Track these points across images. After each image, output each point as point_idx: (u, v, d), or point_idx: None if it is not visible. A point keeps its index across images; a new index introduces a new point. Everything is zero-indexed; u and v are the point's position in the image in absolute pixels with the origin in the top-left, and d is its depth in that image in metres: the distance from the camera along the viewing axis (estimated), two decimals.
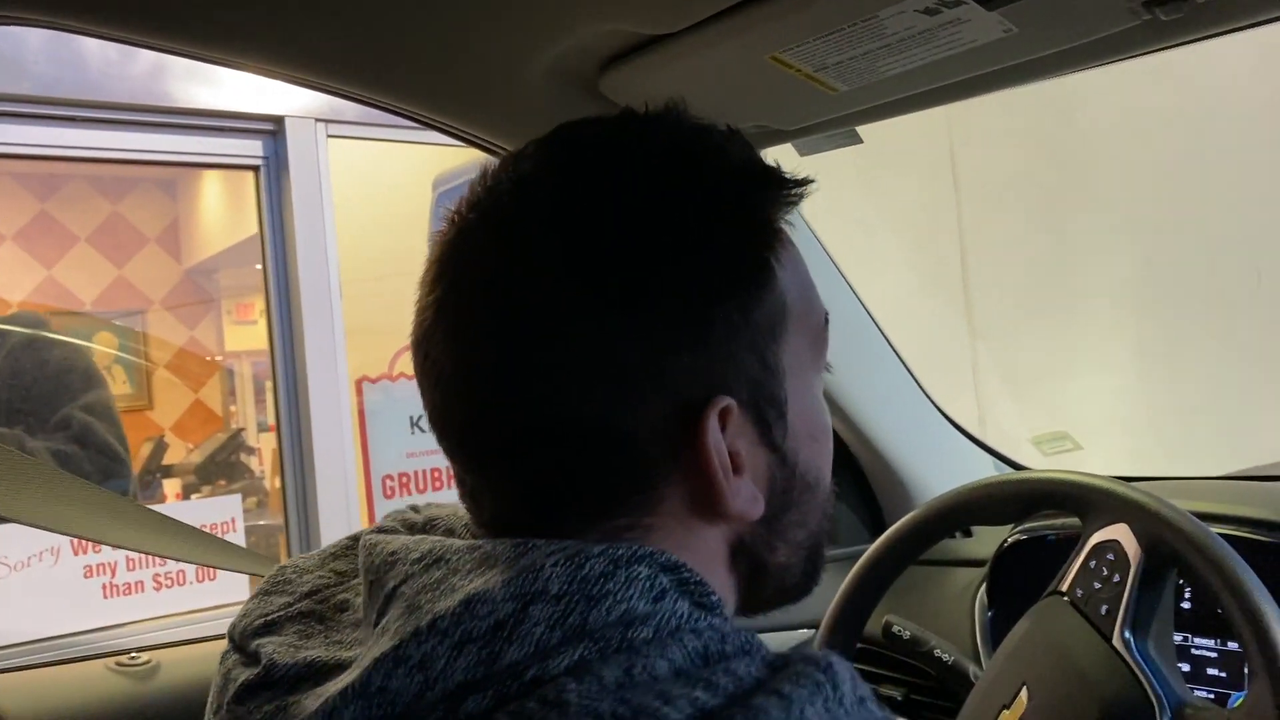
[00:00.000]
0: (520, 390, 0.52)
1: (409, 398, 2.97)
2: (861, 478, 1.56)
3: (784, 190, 0.58)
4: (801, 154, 1.15)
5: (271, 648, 0.53)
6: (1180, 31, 0.82)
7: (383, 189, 3.21)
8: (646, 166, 0.55)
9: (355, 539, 0.62)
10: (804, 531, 0.60)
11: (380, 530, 0.59)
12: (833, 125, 1.02)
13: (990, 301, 3.66)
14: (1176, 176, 4.36)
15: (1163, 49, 0.88)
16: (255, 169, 2.69)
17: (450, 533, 0.57)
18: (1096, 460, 3.41)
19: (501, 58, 0.88)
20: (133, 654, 1.19)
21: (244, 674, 0.53)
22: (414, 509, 0.62)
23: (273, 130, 2.69)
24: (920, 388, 1.57)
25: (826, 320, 0.61)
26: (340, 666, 0.49)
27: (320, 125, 2.68)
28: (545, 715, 0.41)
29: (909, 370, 1.55)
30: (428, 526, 0.59)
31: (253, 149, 2.66)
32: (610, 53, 0.86)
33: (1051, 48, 0.81)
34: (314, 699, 0.47)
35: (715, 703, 0.42)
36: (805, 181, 0.59)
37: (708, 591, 0.50)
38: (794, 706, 0.42)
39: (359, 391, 2.96)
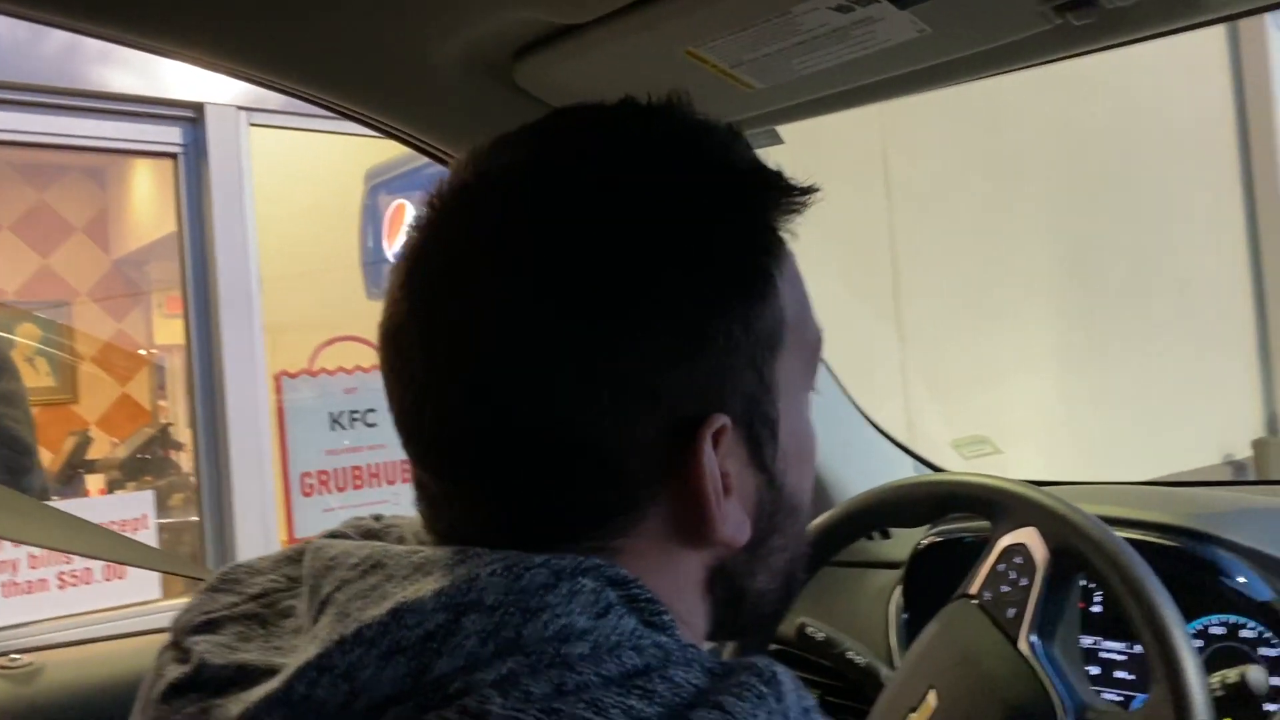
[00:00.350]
0: (502, 399, 0.48)
1: (330, 393, 2.92)
2: None
3: (789, 196, 0.55)
4: None
5: (205, 647, 0.51)
6: (1093, 38, 0.83)
7: (311, 182, 3.15)
8: (645, 162, 0.51)
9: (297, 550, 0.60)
10: (785, 557, 0.57)
11: (333, 535, 0.57)
12: (752, 124, 1.02)
13: (920, 307, 3.70)
14: (1103, 188, 4.46)
15: (1077, 55, 0.88)
16: (174, 157, 2.62)
17: (402, 540, 0.54)
18: (1017, 464, 3.46)
19: (411, 44, 0.86)
20: (12, 656, 1.14)
21: (175, 671, 0.51)
22: (376, 518, 0.59)
23: (192, 117, 2.63)
24: (844, 391, 1.57)
25: (820, 338, 0.58)
26: (271, 672, 0.46)
27: (242, 113, 2.63)
28: None
29: (833, 374, 1.56)
30: (382, 535, 0.56)
31: (171, 136, 2.60)
32: (524, 42, 0.84)
33: (966, 49, 0.81)
34: (237, 704, 0.45)
35: (651, 712, 0.40)
36: (811, 189, 0.56)
37: (658, 610, 0.47)
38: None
39: (278, 387, 2.90)
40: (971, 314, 3.90)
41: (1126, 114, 4.55)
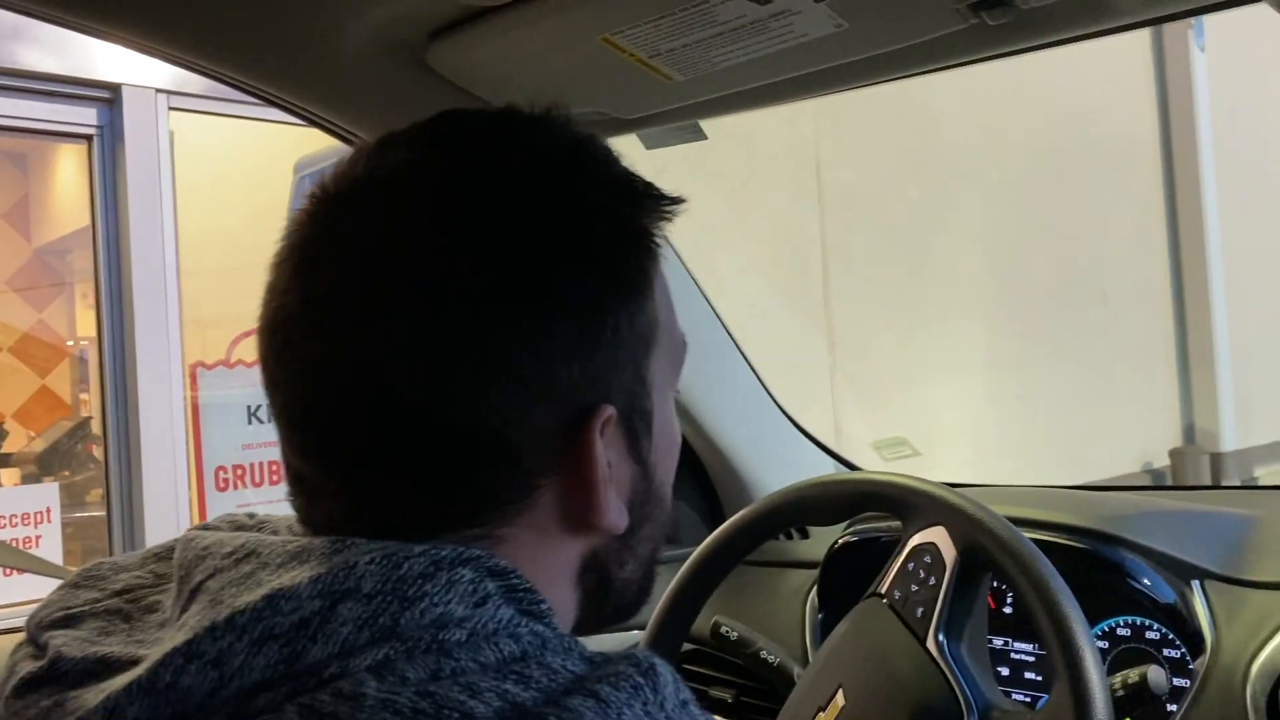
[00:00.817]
0: (399, 392, 0.49)
1: (247, 387, 2.86)
2: (707, 481, 1.56)
3: (661, 205, 0.58)
4: (647, 147, 1.13)
5: (62, 641, 0.49)
6: (1009, 39, 0.83)
7: (236, 170, 3.09)
8: (536, 167, 0.53)
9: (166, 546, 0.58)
10: (650, 546, 0.60)
11: (205, 528, 0.56)
12: (674, 117, 1.01)
13: (850, 313, 3.73)
14: (1032, 198, 4.54)
15: (995, 56, 0.88)
16: (89, 139, 2.54)
17: (276, 534, 0.53)
18: (936, 467, 3.50)
19: (323, 24, 0.83)
20: None
21: (28, 666, 0.49)
22: (250, 515, 0.58)
23: (108, 99, 2.55)
24: (767, 391, 1.57)
25: (685, 342, 0.62)
26: (134, 663, 0.45)
27: (161, 96, 2.56)
28: (337, 708, 0.39)
29: (757, 375, 1.56)
30: (257, 529, 0.55)
31: (86, 117, 2.52)
32: (438, 23, 0.82)
33: (883, 47, 0.81)
34: (96, 694, 0.44)
35: (527, 696, 0.41)
36: (679, 200, 0.59)
37: (537, 599, 0.48)
38: (611, 710, 0.41)
39: (193, 379, 2.83)
40: (901, 320, 3.94)
41: (1054, 126, 4.64)
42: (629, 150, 1.18)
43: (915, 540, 0.90)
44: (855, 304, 3.76)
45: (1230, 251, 5.38)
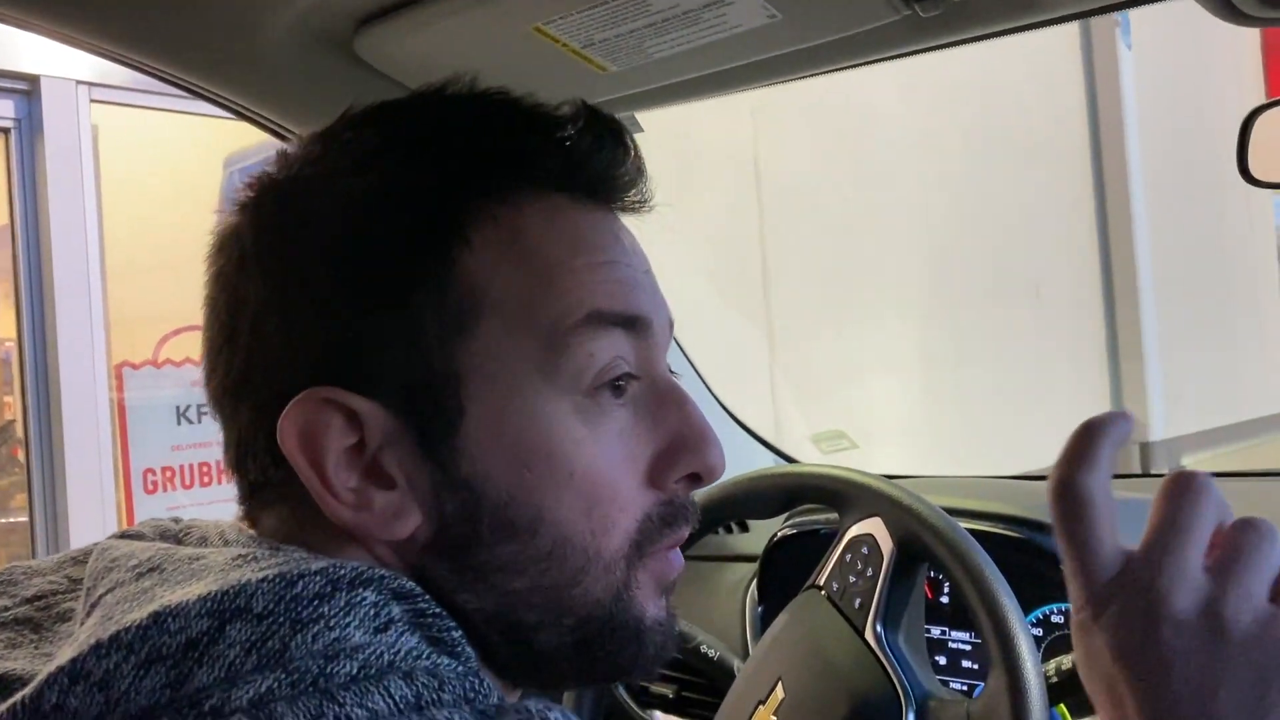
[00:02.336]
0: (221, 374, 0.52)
1: (176, 387, 2.79)
2: None
3: (488, 165, 0.51)
4: None
5: None
6: (941, 31, 0.84)
7: (164, 165, 3.01)
8: (367, 153, 0.51)
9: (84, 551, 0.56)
10: (522, 581, 0.50)
11: (125, 535, 0.53)
12: (610, 109, 0.99)
13: (789, 309, 3.75)
14: (966, 195, 4.61)
15: (928, 49, 0.89)
16: (5, 132, 2.46)
17: (203, 542, 0.50)
18: (874, 460, 3.54)
19: (247, 12, 0.81)
20: None
21: None
22: (175, 520, 0.55)
23: (26, 90, 2.48)
24: (706, 385, 1.57)
25: (577, 324, 0.50)
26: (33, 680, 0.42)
27: (82, 88, 2.48)
28: None
29: (696, 371, 1.55)
30: (181, 536, 0.52)
31: (2, 109, 2.44)
32: (365, 11, 0.81)
33: (816, 38, 0.81)
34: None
35: None
36: (523, 160, 0.52)
37: (447, 626, 0.45)
38: None
39: (119, 379, 2.75)
40: (839, 316, 3.97)
41: (987, 123, 4.71)
42: None
43: (852, 532, 0.91)
44: (794, 301, 3.78)
45: (1157, 247, 5.51)
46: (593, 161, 0.53)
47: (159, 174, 2.95)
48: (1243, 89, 6.15)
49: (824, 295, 3.91)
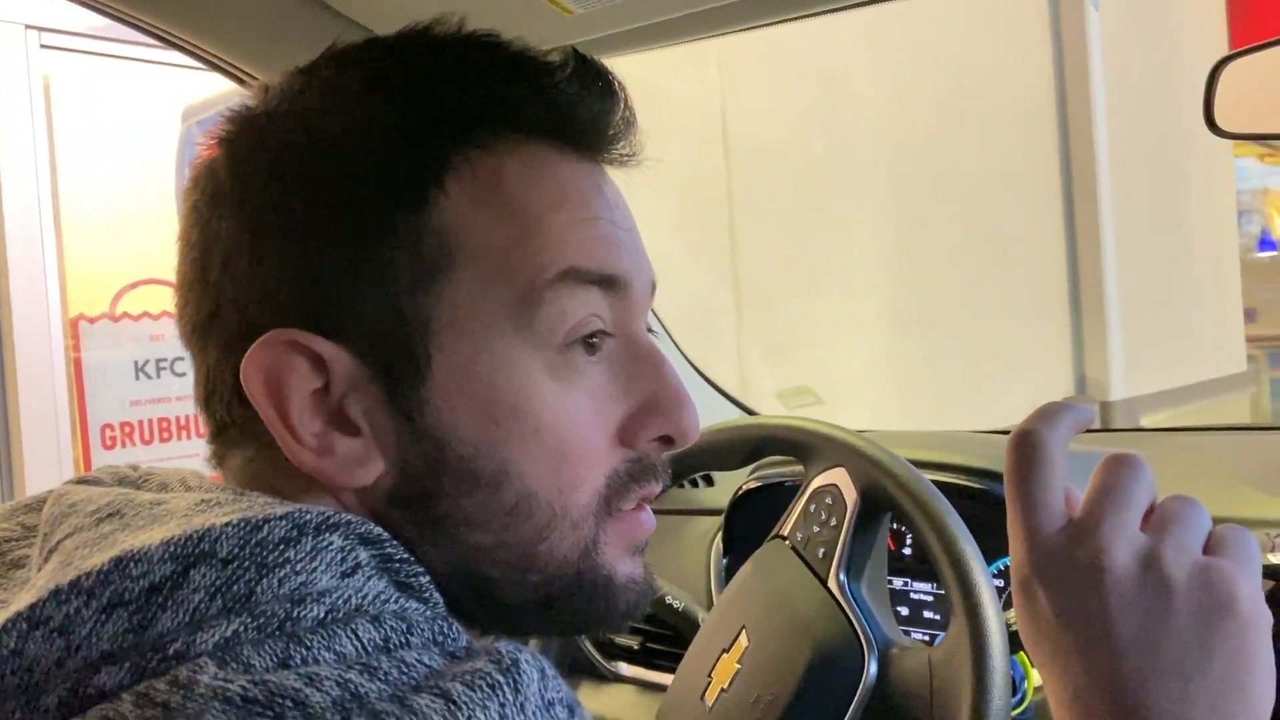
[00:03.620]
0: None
1: (134, 340, 2.75)
2: None
3: (493, 111, 0.51)
4: None
5: None
6: None
7: (121, 115, 2.94)
8: (348, 92, 0.50)
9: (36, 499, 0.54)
10: (485, 536, 0.50)
11: (82, 481, 0.52)
12: None
13: (756, 266, 3.75)
14: (933, 155, 4.61)
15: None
16: None
17: (164, 489, 0.49)
18: (842, 416, 3.57)
19: None
20: None
21: None
22: (133, 467, 0.54)
23: None
24: (674, 342, 1.57)
25: (556, 278, 0.49)
26: None
27: (31, 33, 2.40)
28: (169, 697, 0.37)
29: (662, 324, 1.55)
30: (140, 482, 0.51)
31: None
32: None
33: None
34: None
35: (371, 688, 0.37)
36: (498, 104, 0.51)
37: (415, 571, 0.45)
38: (461, 712, 0.37)
39: (75, 334, 2.70)
40: (806, 272, 3.97)
41: (955, 83, 4.70)
42: None
43: (817, 482, 0.91)
44: (762, 257, 3.78)
45: (1121, 210, 5.55)
46: (579, 111, 0.52)
47: (112, 123, 2.89)
48: (1205, 48, 6.18)
49: (791, 252, 3.91)
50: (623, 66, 1.09)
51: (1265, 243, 8.79)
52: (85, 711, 0.38)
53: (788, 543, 0.91)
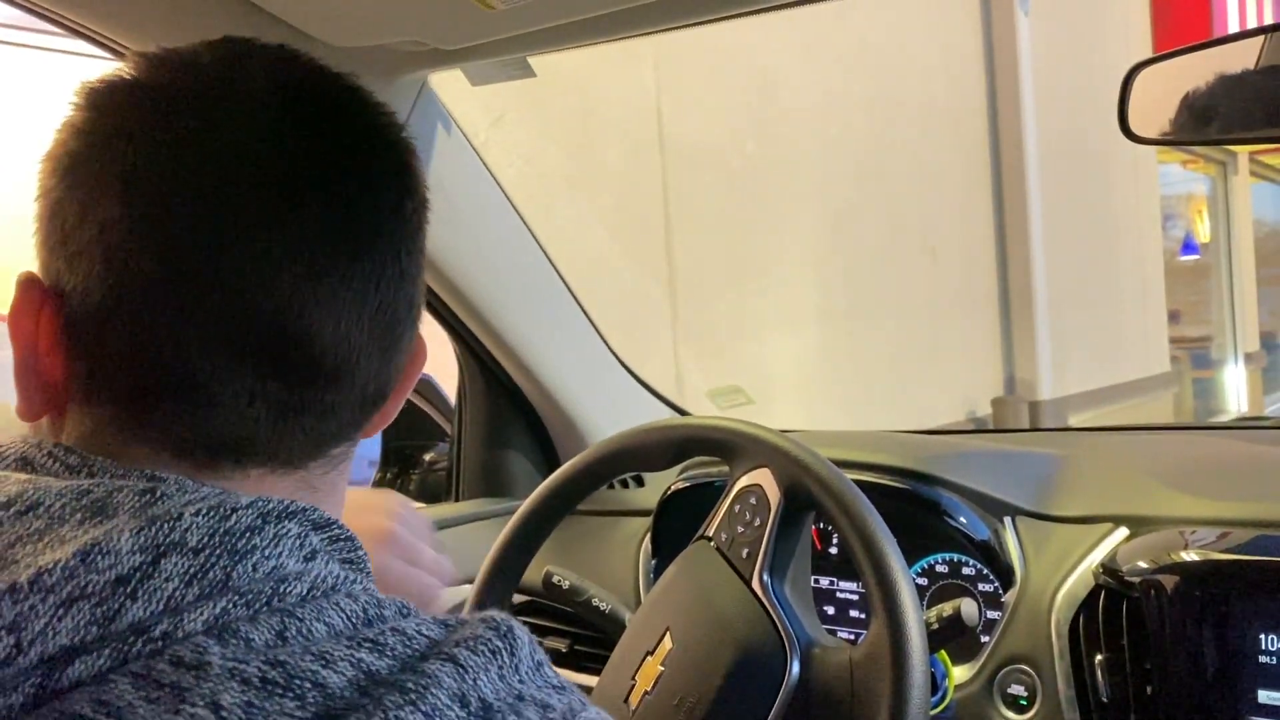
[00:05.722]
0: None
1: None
2: (543, 432, 1.54)
3: None
4: (473, 83, 1.09)
5: None
6: None
7: (57, 108, 2.86)
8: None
9: None
10: None
11: None
12: (499, 50, 0.97)
13: (691, 265, 3.76)
14: (865, 156, 4.66)
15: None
16: None
17: (29, 466, 0.47)
18: (773, 416, 3.59)
19: None
20: None
21: None
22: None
23: None
24: (604, 342, 1.56)
25: None
26: None
27: None
28: (180, 678, 0.37)
29: (594, 325, 1.54)
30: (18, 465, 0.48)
31: None
32: None
33: None
34: None
35: (382, 665, 0.40)
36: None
37: (357, 548, 0.47)
38: (469, 675, 0.41)
39: None
40: (740, 272, 3.99)
41: (887, 85, 4.76)
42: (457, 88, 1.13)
43: (741, 483, 0.91)
44: (696, 256, 3.79)
45: (1049, 211, 5.66)
46: None
47: (48, 117, 2.80)
48: (1131, 53, 6.32)
49: (725, 251, 3.93)
50: (559, 66, 1.09)
51: (1188, 247, 9.04)
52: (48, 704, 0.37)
53: (712, 543, 0.91)
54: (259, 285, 0.46)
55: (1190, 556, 0.90)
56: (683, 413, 1.58)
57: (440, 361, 1.21)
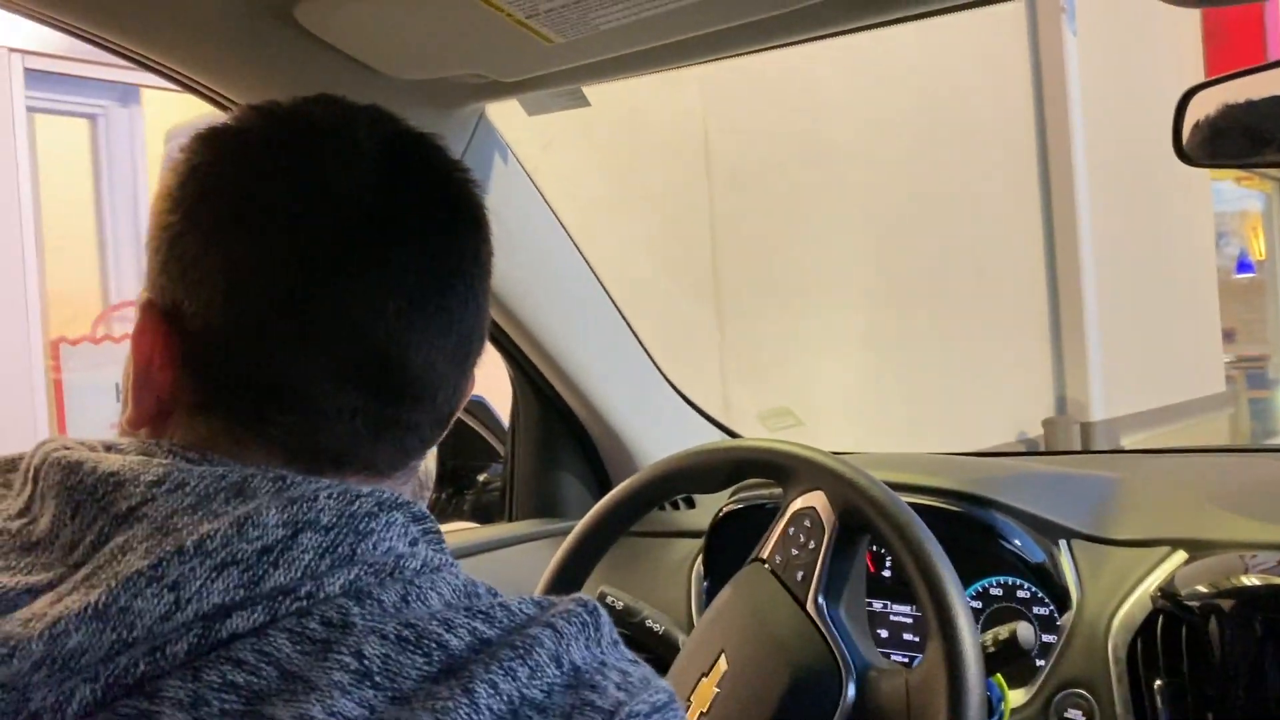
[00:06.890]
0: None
1: (115, 362, 2.74)
2: (595, 454, 1.56)
3: None
4: (529, 112, 1.11)
5: None
6: (884, 8, 0.84)
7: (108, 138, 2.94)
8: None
9: (9, 460, 0.56)
10: None
11: (66, 448, 0.52)
12: (556, 81, 0.99)
13: (738, 287, 3.76)
14: (913, 177, 4.64)
15: (871, 26, 0.89)
16: None
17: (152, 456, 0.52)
18: (823, 438, 3.58)
19: None
20: None
21: None
22: (79, 441, 0.55)
23: None
24: (654, 365, 1.57)
25: None
26: (32, 592, 0.45)
27: (15, 56, 2.40)
28: (329, 635, 0.44)
29: (644, 348, 1.55)
30: (111, 449, 0.52)
31: None
32: None
33: (760, 13, 0.81)
34: (18, 624, 0.43)
35: (492, 633, 0.47)
36: None
37: (444, 541, 0.54)
38: (564, 640, 0.47)
39: (56, 356, 2.69)
40: (787, 294, 3.99)
41: (935, 106, 4.74)
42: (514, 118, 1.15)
43: (795, 505, 0.91)
44: (743, 279, 3.79)
45: (1100, 231, 5.60)
46: None
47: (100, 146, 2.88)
48: (1183, 74, 6.26)
49: (772, 273, 3.93)
50: (607, 90, 1.11)
51: (1243, 265, 8.89)
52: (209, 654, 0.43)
53: (767, 566, 0.92)
54: (367, 316, 0.51)
55: (1251, 581, 0.90)
56: (732, 435, 1.59)
57: (492, 383, 1.23)
